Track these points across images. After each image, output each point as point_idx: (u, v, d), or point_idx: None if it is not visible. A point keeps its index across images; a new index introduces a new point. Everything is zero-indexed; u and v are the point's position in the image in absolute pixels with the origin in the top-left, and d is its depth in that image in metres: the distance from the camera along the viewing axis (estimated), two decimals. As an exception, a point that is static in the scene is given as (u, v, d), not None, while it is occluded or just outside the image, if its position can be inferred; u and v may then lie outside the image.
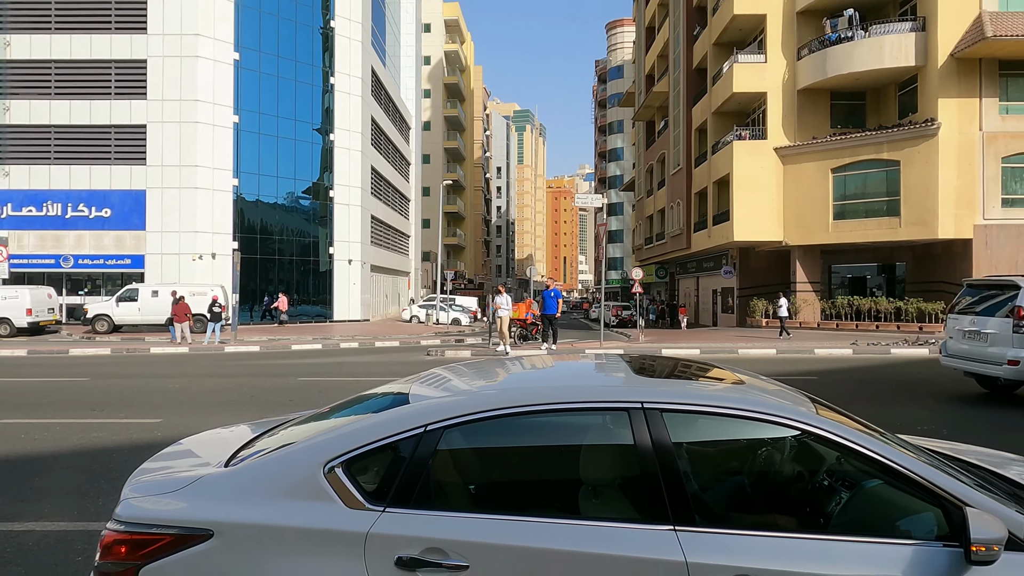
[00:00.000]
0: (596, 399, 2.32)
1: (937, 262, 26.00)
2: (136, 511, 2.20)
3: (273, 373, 13.79)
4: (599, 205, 21.39)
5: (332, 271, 35.99)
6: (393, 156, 47.65)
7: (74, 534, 4.52)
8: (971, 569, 1.96)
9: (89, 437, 7.44)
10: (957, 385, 11.33)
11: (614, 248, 72.93)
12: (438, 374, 2.90)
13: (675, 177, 37.29)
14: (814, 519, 2.44)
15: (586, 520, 2.11)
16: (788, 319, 24.50)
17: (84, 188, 30.82)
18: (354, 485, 2.18)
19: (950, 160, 23.81)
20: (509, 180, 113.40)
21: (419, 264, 58.31)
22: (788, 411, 2.27)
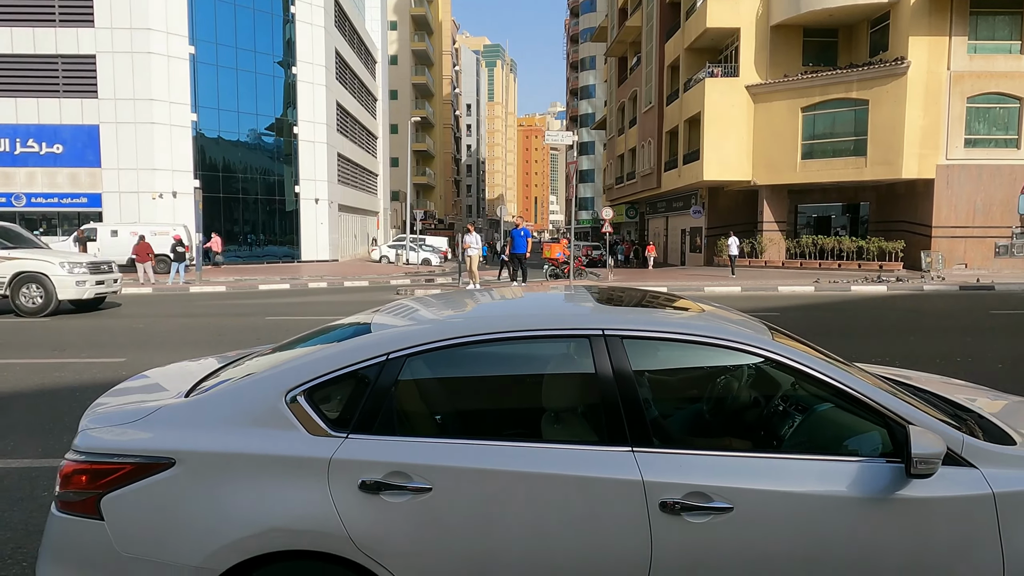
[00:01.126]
0: (558, 327, 2.33)
1: (900, 202, 26.49)
2: (95, 441, 2.18)
3: (240, 313, 13.64)
4: (570, 143, 21.15)
5: (298, 211, 35.29)
6: (359, 92, 46.17)
7: (39, 470, 4.49)
8: (911, 482, 2.07)
9: (52, 377, 7.33)
10: (912, 319, 11.76)
11: (585, 188, 72.64)
12: (401, 304, 2.89)
13: (647, 115, 36.93)
14: (768, 441, 2.54)
15: (547, 443, 2.15)
16: (739, 257, 25.01)
17: (33, 123, 29.36)
18: (316, 413, 2.18)
19: (917, 99, 23.96)
20: (479, 118, 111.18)
21: (388, 204, 57.45)
22: (747, 337, 2.31)
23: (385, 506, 2.05)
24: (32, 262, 12.86)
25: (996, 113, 24.41)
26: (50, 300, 12.75)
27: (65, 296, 12.89)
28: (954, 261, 24.65)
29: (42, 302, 12.75)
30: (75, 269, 13.01)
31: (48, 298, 12.75)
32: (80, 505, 2.12)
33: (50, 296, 12.76)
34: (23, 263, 12.83)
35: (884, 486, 2.07)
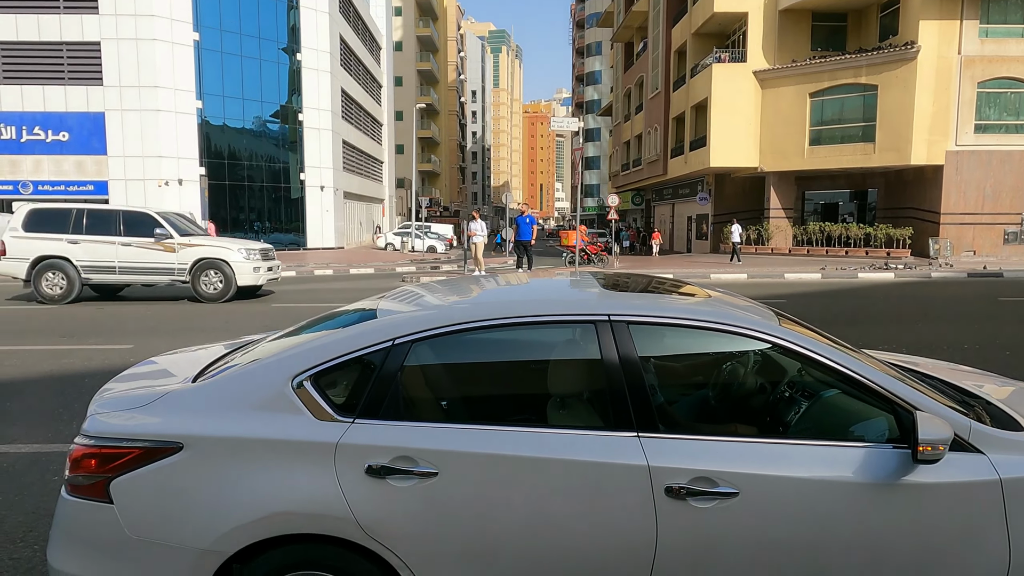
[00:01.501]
0: (564, 312, 2.33)
1: (908, 188, 26.29)
2: (104, 426, 2.20)
3: (247, 299, 13.68)
4: (576, 129, 21.05)
5: (304, 198, 35.27)
6: (364, 78, 45.98)
7: (48, 455, 4.54)
8: (917, 468, 2.07)
9: (60, 363, 7.39)
10: (919, 306, 11.70)
11: (591, 175, 72.34)
12: (407, 290, 2.89)
13: (653, 101, 36.67)
14: (773, 427, 2.54)
15: (553, 428, 2.16)
16: (744, 244, 24.98)
17: (39, 110, 29.37)
18: (323, 398, 2.19)
19: (927, 85, 23.69)
20: (484, 104, 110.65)
21: (393, 191, 57.38)
22: (754, 323, 2.30)
23: (391, 490, 2.06)
24: (212, 248, 13.25)
25: (1007, 98, 24.13)
26: (229, 286, 13.11)
27: (243, 282, 13.27)
28: (962, 248, 24.48)
29: (222, 287, 13.13)
30: (251, 255, 13.44)
31: (227, 284, 13.13)
32: (90, 489, 2.14)
33: (229, 282, 13.13)
34: (204, 250, 13.18)
35: (890, 472, 2.07)
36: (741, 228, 25.48)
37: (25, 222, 12.95)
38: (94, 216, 13.10)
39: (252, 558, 2.11)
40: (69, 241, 12.80)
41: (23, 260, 12.80)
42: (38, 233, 12.87)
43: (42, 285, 12.78)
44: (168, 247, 12.99)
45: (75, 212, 13.10)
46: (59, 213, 13.12)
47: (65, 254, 12.79)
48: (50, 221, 12.97)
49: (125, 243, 12.89)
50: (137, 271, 13.02)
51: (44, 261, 12.77)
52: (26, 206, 13.46)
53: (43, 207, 13.40)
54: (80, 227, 12.91)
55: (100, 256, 12.88)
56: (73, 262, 12.80)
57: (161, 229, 13.02)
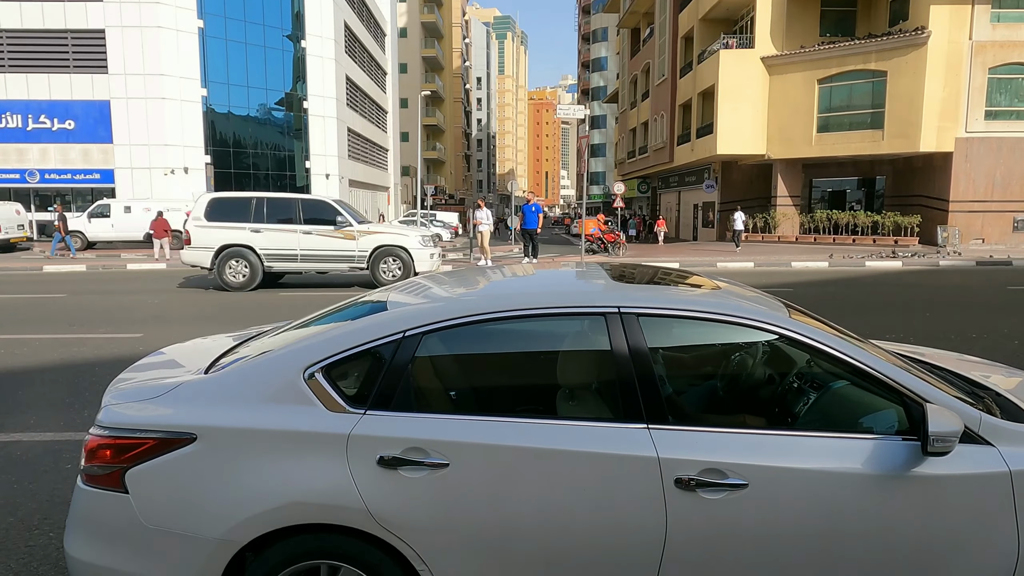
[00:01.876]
0: (573, 304, 2.33)
1: (916, 176, 26.09)
2: (118, 417, 2.23)
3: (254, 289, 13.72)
4: (582, 117, 20.94)
5: (309, 186, 35.27)
6: (369, 65, 45.80)
7: (61, 443, 4.59)
8: (926, 460, 2.07)
9: (70, 352, 7.45)
10: (927, 295, 11.66)
11: (596, 162, 72.04)
12: (416, 282, 2.90)
13: (659, 88, 36.41)
14: (782, 419, 2.55)
15: (563, 420, 2.17)
16: (750, 232, 24.89)
17: (44, 99, 29.40)
18: (334, 389, 2.21)
19: (937, 71, 23.44)
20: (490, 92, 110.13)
21: (398, 179, 57.29)
22: (763, 315, 2.31)
23: (403, 481, 2.08)
24: (391, 236, 13.48)
25: (1019, 84, 23.85)
26: (408, 273, 13.33)
27: (420, 268, 13.49)
28: (971, 236, 24.32)
29: (400, 274, 13.35)
30: (426, 242, 13.72)
31: (406, 271, 13.35)
32: (105, 478, 2.17)
33: (408, 269, 13.35)
34: (383, 237, 13.40)
35: (900, 464, 2.07)
36: (744, 216, 25.37)
37: (207, 211, 13.17)
38: (274, 204, 13.33)
39: (265, 547, 2.14)
40: (252, 230, 13.07)
41: (208, 249, 13.10)
42: (220, 222, 13.10)
43: (226, 273, 13.08)
44: (349, 235, 13.22)
45: (255, 201, 13.32)
46: (240, 202, 13.35)
47: (248, 243, 13.06)
48: (231, 210, 13.21)
49: (306, 231, 13.12)
50: (318, 259, 13.25)
51: (227, 249, 13.05)
52: (207, 195, 13.65)
53: (224, 196, 13.61)
54: (261, 216, 13.15)
55: (282, 244, 13.12)
56: (256, 250, 13.08)
57: (342, 217, 13.28)
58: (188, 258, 13.31)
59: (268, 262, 13.15)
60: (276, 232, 13.07)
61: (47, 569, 3.04)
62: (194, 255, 13.23)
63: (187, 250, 13.26)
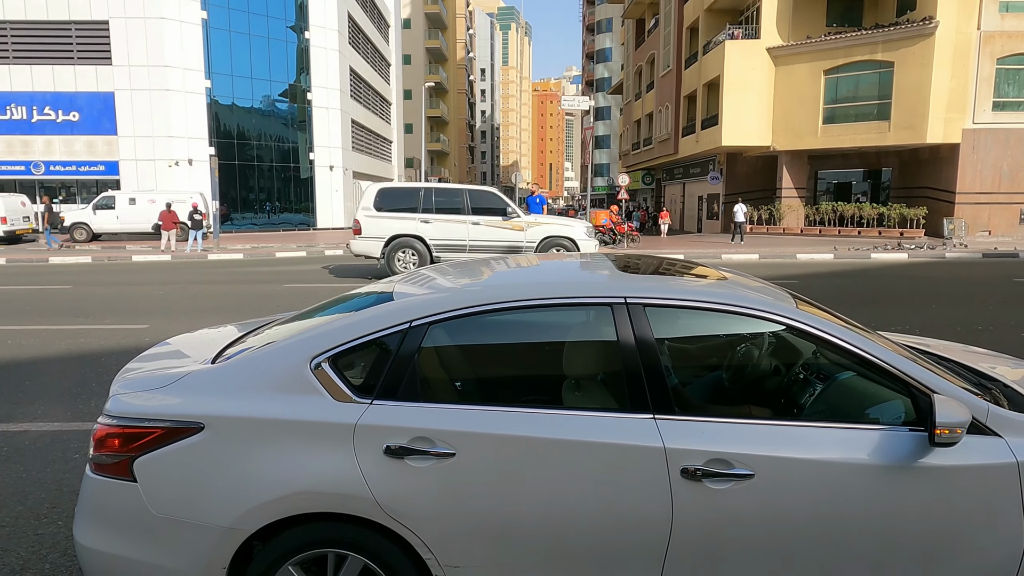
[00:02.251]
0: (579, 295, 2.33)
1: (923, 167, 25.94)
2: (126, 406, 2.24)
3: (258, 280, 13.77)
4: (586, 108, 20.88)
5: (313, 178, 35.26)
6: (372, 56, 45.66)
7: (69, 433, 4.62)
8: (933, 451, 2.07)
9: (76, 343, 7.48)
10: (932, 287, 11.61)
11: (600, 154, 71.78)
12: (422, 273, 2.90)
13: (664, 79, 36.22)
14: (789, 409, 2.54)
15: (568, 410, 2.17)
16: (754, 224, 24.81)
17: (49, 90, 29.41)
18: (341, 379, 2.21)
19: (945, 61, 23.25)
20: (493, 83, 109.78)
21: (402, 171, 57.24)
22: (770, 306, 2.30)
23: (410, 471, 2.09)
24: (558, 227, 13.56)
25: (1027, 75, 23.65)
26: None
27: None
28: (977, 228, 24.20)
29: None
30: (589, 233, 13.76)
31: None
32: (114, 467, 2.19)
33: None
34: (550, 228, 13.48)
35: (906, 454, 2.07)
36: (745, 208, 25.27)
37: (376, 201, 13.27)
38: (441, 195, 13.43)
39: (273, 536, 2.15)
40: (422, 220, 13.16)
41: (378, 239, 13.20)
42: (390, 212, 13.20)
43: (395, 263, 13.21)
44: (517, 226, 13.31)
45: (423, 191, 13.42)
46: (408, 192, 13.48)
47: (418, 232, 13.17)
48: (399, 200, 13.32)
49: (475, 222, 13.22)
50: (486, 248, 13.35)
51: (397, 239, 13.15)
52: (376, 185, 13.69)
53: (392, 186, 13.74)
54: (429, 205, 13.27)
55: (451, 234, 13.23)
56: (426, 240, 13.18)
57: (511, 208, 13.38)
58: (359, 248, 13.38)
59: (436, 252, 13.29)
60: (445, 222, 13.18)
61: (56, 557, 3.07)
62: (365, 245, 13.32)
63: (357, 240, 13.35)
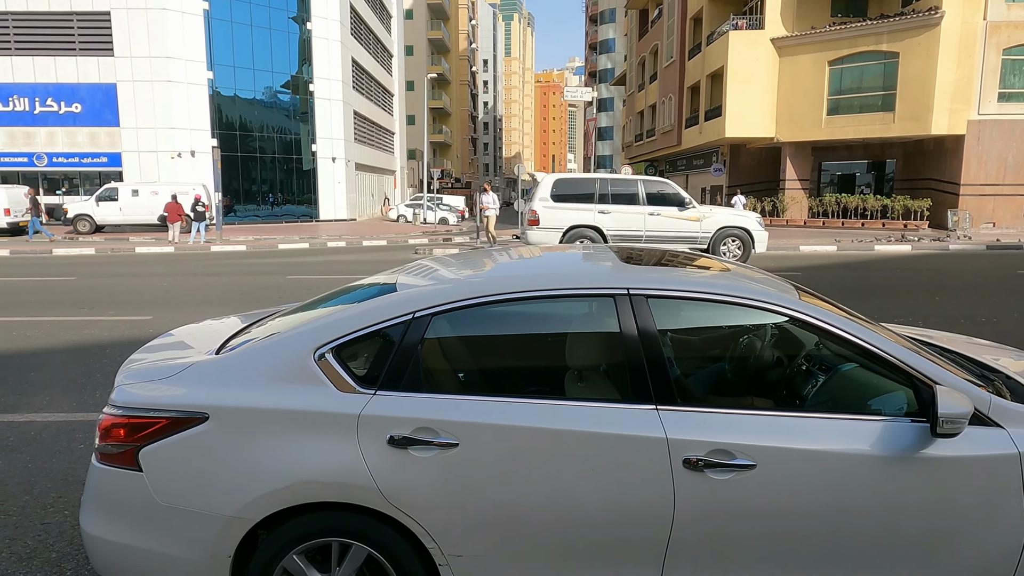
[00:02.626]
0: (583, 286, 2.33)
1: (927, 159, 25.82)
2: (131, 396, 2.25)
3: (261, 272, 13.79)
4: (589, 99, 20.83)
5: (316, 169, 35.23)
6: (374, 47, 45.50)
7: (74, 424, 4.64)
8: (935, 441, 2.07)
9: (81, 334, 7.51)
10: (936, 279, 11.58)
11: (603, 146, 71.58)
12: (424, 264, 2.90)
13: (667, 70, 36.06)
14: (791, 400, 2.55)
15: (571, 401, 2.18)
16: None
17: (51, 82, 29.38)
18: (345, 370, 2.22)
19: (950, 52, 23.10)
20: (496, 74, 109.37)
21: (404, 162, 57.14)
22: (773, 297, 2.30)
23: (413, 460, 2.10)
24: (733, 217, 13.62)
25: (1033, 65, 23.50)
26: (747, 254, 13.46)
27: (759, 250, 13.61)
28: (982, 220, 24.10)
29: (740, 255, 13.48)
30: (761, 224, 13.82)
31: (745, 252, 13.44)
32: (119, 457, 2.20)
33: (747, 250, 13.44)
34: (726, 218, 13.56)
35: (909, 445, 2.08)
36: (744, 199, 25.16)
37: (553, 192, 13.40)
38: (617, 185, 13.50)
39: (277, 525, 2.17)
40: (599, 211, 13.24)
41: (556, 230, 13.34)
42: (566, 203, 13.31)
43: None
44: (694, 216, 13.36)
45: (599, 182, 13.51)
46: (584, 182, 13.58)
47: (595, 223, 13.26)
48: (576, 191, 13.43)
49: (652, 212, 13.27)
50: (662, 239, 13.43)
51: (575, 230, 13.25)
52: (552, 176, 13.77)
53: (569, 177, 13.81)
54: (605, 196, 13.35)
55: (628, 225, 13.29)
56: (603, 231, 13.27)
57: (687, 198, 13.46)
58: (536, 238, 13.50)
59: (612, 242, 13.35)
60: (624, 213, 13.23)
61: (63, 545, 3.09)
62: (542, 235, 13.45)
63: (535, 230, 13.45)
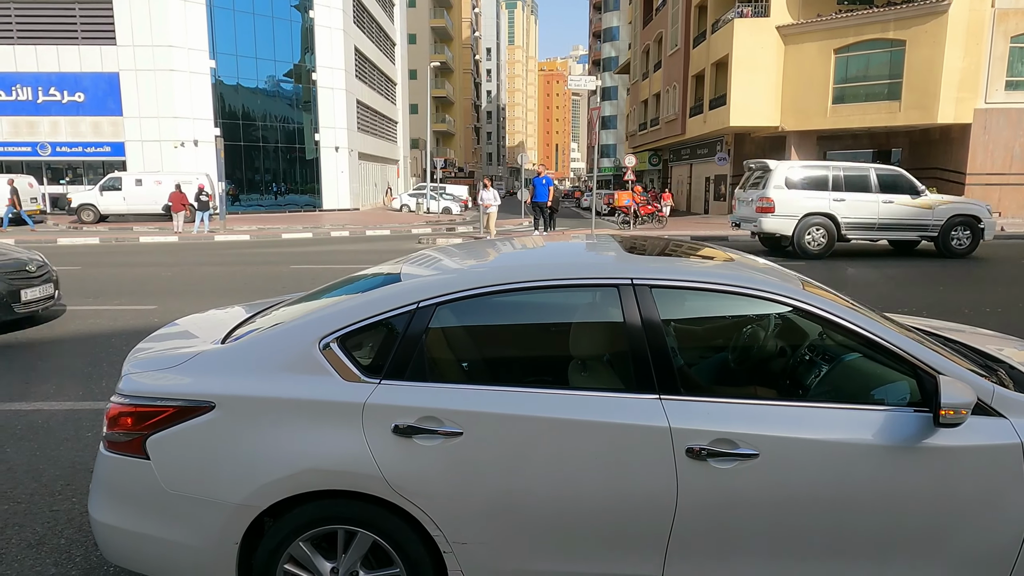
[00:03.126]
0: (587, 276, 2.34)
1: (933, 148, 25.66)
2: (138, 385, 2.27)
3: (265, 261, 13.81)
4: (593, 88, 20.68)
5: (319, 159, 35.17)
6: (377, 36, 45.28)
7: (81, 412, 4.68)
8: (938, 431, 2.08)
9: (86, 323, 7.55)
10: (940, 269, 11.53)
11: (607, 135, 71.25)
12: (428, 254, 2.90)
13: (672, 58, 35.83)
14: (794, 390, 2.56)
15: (575, 390, 2.19)
16: None
17: (54, 71, 29.33)
18: (350, 359, 2.24)
19: (957, 40, 22.89)
20: (499, 63, 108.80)
21: (408, 152, 56.99)
22: (777, 287, 2.30)
23: (418, 449, 2.12)
24: (964, 205, 13.62)
25: (1041, 53, 23.28)
26: (976, 243, 13.53)
27: (988, 238, 13.63)
28: (987, 209, 23.96)
29: (968, 244, 13.54)
30: (989, 211, 13.76)
31: (975, 241, 13.51)
32: (127, 445, 2.22)
33: (976, 239, 13.50)
34: (956, 207, 13.55)
35: (911, 435, 2.08)
36: None
37: (788, 180, 13.55)
38: (850, 173, 13.61)
39: (283, 513, 2.19)
40: (834, 199, 13.33)
41: (791, 217, 13.47)
42: (801, 191, 13.45)
43: (804, 240, 13.46)
44: (926, 204, 13.37)
45: (832, 169, 13.62)
46: (816, 170, 13.69)
47: (830, 211, 13.37)
48: (809, 178, 13.58)
49: (886, 200, 13.33)
50: (894, 227, 13.47)
51: (809, 217, 13.38)
52: (786, 163, 13.88)
53: (802, 164, 13.94)
54: (839, 184, 13.45)
55: (862, 213, 13.37)
56: (837, 219, 13.37)
57: (920, 187, 13.50)
58: (771, 225, 13.63)
59: (845, 231, 13.48)
60: (857, 201, 13.30)
61: (72, 532, 3.13)
62: (777, 222, 13.58)
63: (770, 218, 13.58)
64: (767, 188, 13.65)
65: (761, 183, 14.07)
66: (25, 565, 2.87)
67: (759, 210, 13.71)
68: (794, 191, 13.42)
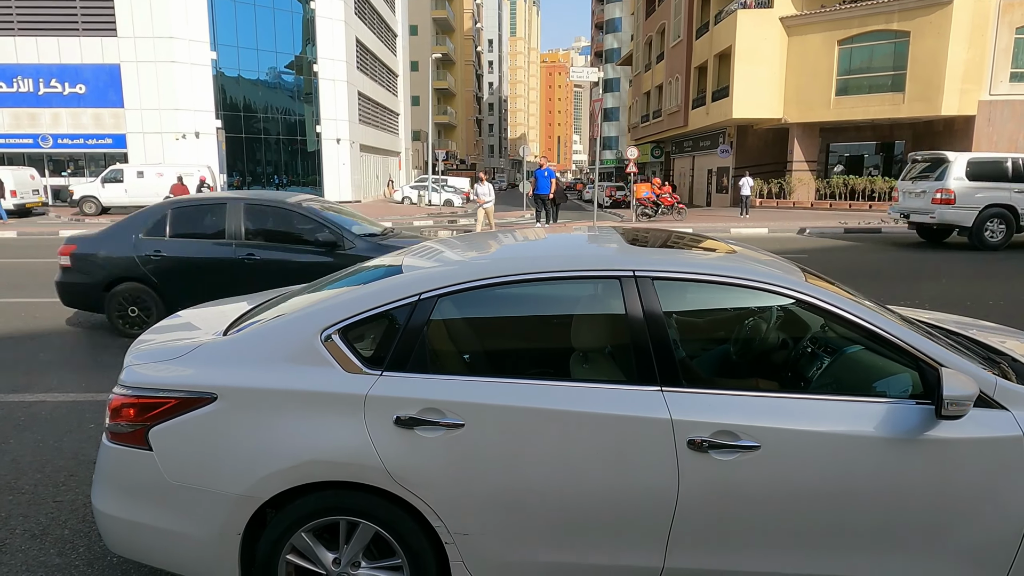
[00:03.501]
0: (589, 267, 2.33)
1: (937, 140, 25.55)
2: (140, 377, 2.27)
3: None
4: (595, 79, 20.61)
5: (320, 151, 35.13)
6: (379, 27, 45.12)
7: (84, 404, 4.69)
8: (940, 423, 2.08)
9: (88, 315, 7.56)
10: (943, 261, 11.50)
11: (609, 127, 71.05)
12: (430, 246, 2.90)
13: (674, 50, 35.66)
14: (796, 382, 2.56)
15: (576, 382, 2.19)
16: (750, 197, 24.58)
17: (55, 62, 29.28)
18: (351, 351, 2.24)
19: (962, 31, 22.76)
20: (501, 54, 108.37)
21: (409, 144, 56.89)
22: (779, 279, 2.30)
23: (419, 441, 2.12)
24: None
25: (1046, 45, 23.14)
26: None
27: None
28: (991, 202, 23.88)
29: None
30: None
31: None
32: (129, 436, 2.23)
33: None
34: None
35: (913, 427, 2.08)
36: (752, 181, 24.98)
37: (968, 171, 13.64)
38: None
39: (286, 504, 2.20)
40: (1017, 191, 13.47)
41: (971, 209, 13.54)
42: (980, 182, 13.55)
43: (984, 233, 13.59)
44: None
45: (1011, 161, 13.75)
46: (996, 162, 13.80)
47: (1011, 202, 13.49)
48: (988, 170, 13.69)
49: None
50: None
51: (990, 209, 13.50)
52: (964, 155, 13.97)
53: (981, 156, 14.04)
54: (1019, 176, 13.59)
55: None
56: (1018, 211, 13.48)
57: None
58: (951, 216, 13.69)
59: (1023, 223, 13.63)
60: None
61: (75, 523, 3.15)
62: (957, 213, 13.62)
63: (950, 209, 13.63)
64: (946, 179, 13.69)
65: (933, 174, 14.10)
66: (29, 555, 2.89)
67: (936, 201, 13.71)
68: (975, 182, 13.52)
